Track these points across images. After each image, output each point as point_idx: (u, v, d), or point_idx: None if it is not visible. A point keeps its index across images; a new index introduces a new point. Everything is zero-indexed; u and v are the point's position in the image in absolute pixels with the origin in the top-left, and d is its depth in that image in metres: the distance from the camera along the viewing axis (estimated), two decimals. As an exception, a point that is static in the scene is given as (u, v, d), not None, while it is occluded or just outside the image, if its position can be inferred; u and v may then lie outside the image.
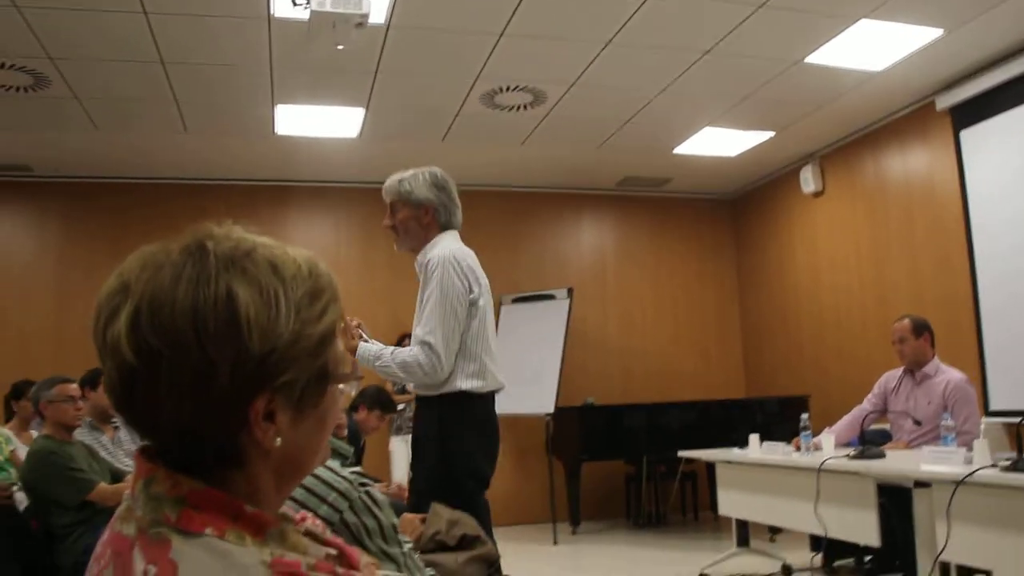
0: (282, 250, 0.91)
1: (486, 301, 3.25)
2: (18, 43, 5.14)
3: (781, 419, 7.49)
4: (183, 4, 4.78)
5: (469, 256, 3.25)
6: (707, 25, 5.24)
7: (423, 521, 2.46)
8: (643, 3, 4.90)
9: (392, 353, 3.16)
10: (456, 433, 3.15)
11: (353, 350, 3.13)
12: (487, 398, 3.25)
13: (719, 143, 7.56)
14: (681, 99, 6.43)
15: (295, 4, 3.71)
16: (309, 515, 1.09)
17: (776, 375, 8.64)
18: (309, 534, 0.94)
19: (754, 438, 5.37)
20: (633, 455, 7.85)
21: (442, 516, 2.51)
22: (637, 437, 7.59)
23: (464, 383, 3.15)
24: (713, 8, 5.00)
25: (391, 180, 3.33)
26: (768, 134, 7.33)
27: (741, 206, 9.37)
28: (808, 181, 7.98)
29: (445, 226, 3.30)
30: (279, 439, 0.86)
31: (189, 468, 0.85)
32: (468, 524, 2.52)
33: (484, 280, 3.27)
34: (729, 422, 7.52)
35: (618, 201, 9.17)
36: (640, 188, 9.04)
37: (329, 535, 1.04)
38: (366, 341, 3.20)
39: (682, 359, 9.05)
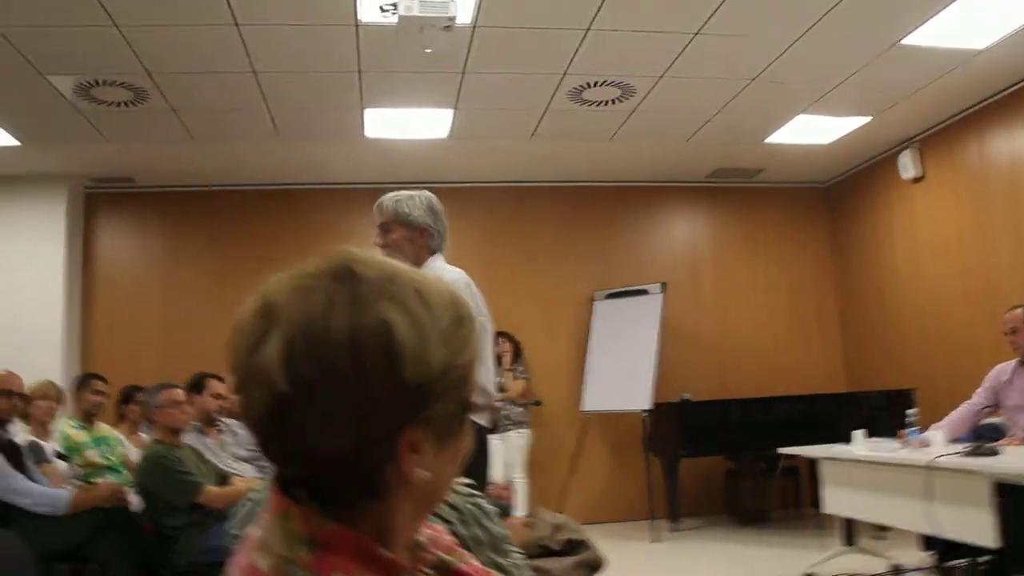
0: (421, 275, 0.88)
1: (489, 326, 3.28)
2: (118, 60, 5.33)
3: (886, 413, 7.25)
4: (272, 15, 4.88)
5: (470, 281, 3.22)
6: (798, 11, 5.09)
7: (528, 526, 2.45)
8: (731, -8, 4.80)
9: None
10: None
11: None
12: (480, 429, 3.23)
13: (812, 131, 7.36)
14: (772, 88, 6.28)
15: (383, 11, 3.73)
16: (442, 528, 1.06)
17: (878, 367, 8.38)
18: (442, 565, 0.92)
19: (859, 434, 5.20)
20: (733, 451, 7.72)
21: (546, 521, 2.50)
22: (737, 432, 7.45)
23: None
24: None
25: (388, 200, 3.34)
26: (864, 119, 7.10)
27: (836, 194, 9.11)
28: (907, 166, 7.71)
29: (436, 250, 3.35)
30: (424, 471, 0.84)
31: (326, 500, 0.83)
32: (572, 528, 2.50)
33: (483, 304, 3.24)
34: (831, 416, 7.31)
35: (710, 193, 9.02)
36: (732, 179, 8.88)
37: (463, 562, 1.02)
38: None
39: (780, 352, 8.85)
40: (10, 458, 4.27)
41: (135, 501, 4.58)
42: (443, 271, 3.21)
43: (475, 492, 1.71)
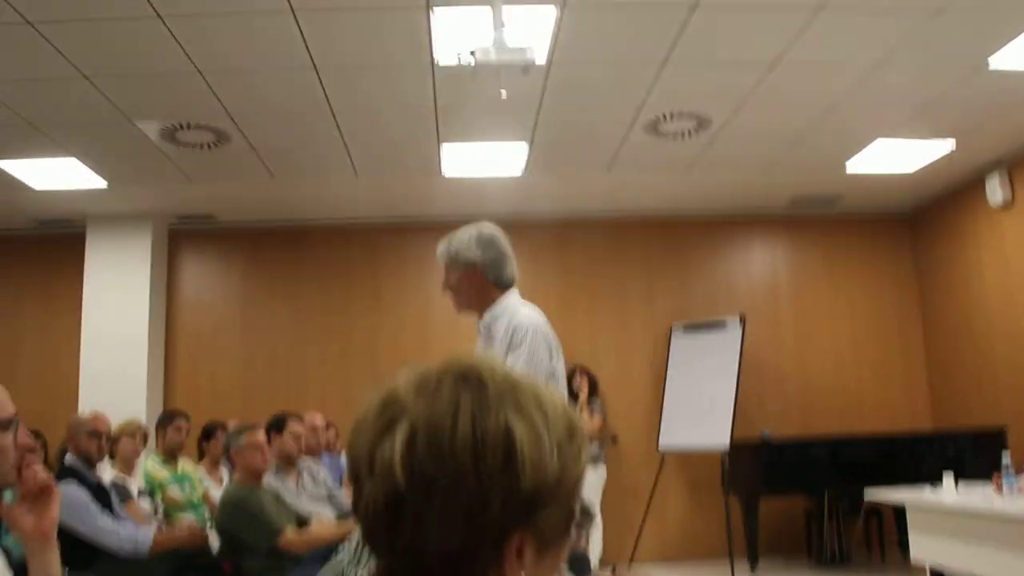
0: (540, 384, 0.90)
1: (560, 370, 3.14)
2: (202, 105, 5.49)
3: (975, 454, 6.99)
4: (351, 57, 4.97)
5: (546, 322, 3.13)
6: (877, 35, 4.97)
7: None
8: (810, 21, 4.70)
9: None
10: None
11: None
12: None
13: (894, 157, 7.14)
14: (852, 113, 6.13)
15: (460, 59, 3.73)
16: None
17: (967, 404, 8.05)
18: None
19: (948, 478, 5.00)
20: (814, 491, 7.49)
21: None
22: (818, 472, 7.24)
23: None
24: (883, 18, 4.74)
25: (441, 243, 3.24)
26: (948, 143, 6.87)
27: (920, 222, 8.84)
28: (995, 191, 7.43)
29: (498, 282, 3.17)
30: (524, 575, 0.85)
31: None
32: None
33: (558, 346, 3.15)
34: (918, 457, 7.06)
35: (788, 223, 8.84)
36: (811, 208, 8.69)
37: None
38: None
39: (863, 388, 8.58)
40: (98, 498, 4.35)
41: (213, 540, 4.63)
42: (515, 312, 3.10)
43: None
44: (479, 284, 3.15)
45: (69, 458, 4.47)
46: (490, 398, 0.84)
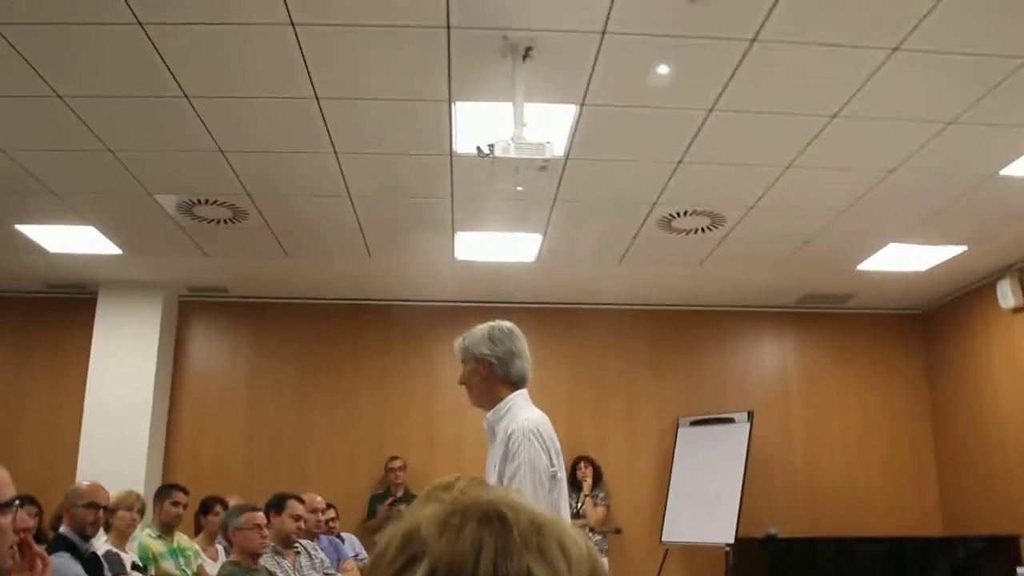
0: (564, 527, 0.87)
1: (562, 473, 3.09)
2: (221, 182, 5.57)
3: (987, 558, 6.86)
4: (371, 144, 5.05)
5: (547, 424, 3.09)
6: (893, 144, 5.03)
7: None
8: (825, 127, 4.77)
9: None
10: None
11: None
12: None
13: (906, 258, 7.19)
14: (865, 217, 6.18)
15: (480, 154, 3.78)
16: None
17: (979, 508, 7.90)
18: None
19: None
20: (821, 591, 7.35)
21: None
22: (825, 572, 7.11)
23: None
24: (899, 127, 4.80)
25: (458, 338, 3.29)
26: (959, 248, 6.91)
27: (932, 322, 8.81)
28: (1006, 295, 7.42)
29: (506, 379, 3.15)
30: None
31: None
32: None
33: (560, 449, 3.11)
34: (928, 561, 6.94)
35: (799, 318, 8.83)
36: (822, 305, 8.70)
37: None
38: None
39: (872, 487, 8.46)
40: (90, 571, 4.29)
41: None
42: (515, 416, 3.06)
43: None
44: (487, 379, 3.15)
45: (64, 529, 4.42)
46: (514, 542, 0.81)
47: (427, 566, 0.80)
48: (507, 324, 3.26)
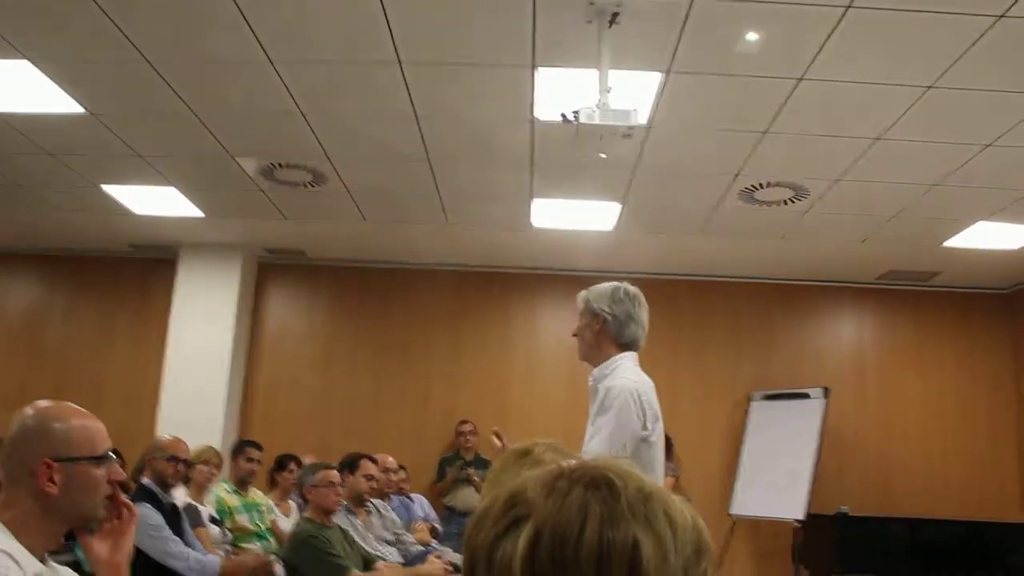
0: (671, 497, 0.86)
1: (657, 436, 3.07)
2: (302, 146, 5.61)
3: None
4: (452, 108, 5.02)
5: (649, 388, 3.10)
6: (989, 118, 4.84)
7: None
8: (919, 98, 4.61)
9: None
10: None
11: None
12: None
13: (996, 236, 6.94)
14: (954, 193, 5.98)
15: (565, 120, 3.74)
16: None
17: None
18: None
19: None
20: (891, 572, 7.21)
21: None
22: (897, 553, 6.98)
23: None
24: (997, 100, 4.61)
25: (583, 291, 3.29)
26: (1053, 227, 6.66)
27: (1020, 302, 8.52)
28: (1099, 278, 7.15)
29: (616, 339, 3.17)
30: None
31: None
32: None
33: (659, 413, 3.10)
34: (1006, 548, 6.76)
35: (880, 295, 8.62)
36: (905, 282, 8.47)
37: None
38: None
39: (949, 472, 8.25)
40: (170, 522, 4.41)
41: (280, 572, 4.65)
42: (618, 376, 3.09)
43: None
44: (598, 334, 3.19)
45: (146, 480, 4.55)
46: (621, 509, 0.81)
47: (532, 529, 0.80)
48: (633, 288, 3.26)
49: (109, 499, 1.83)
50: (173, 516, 4.54)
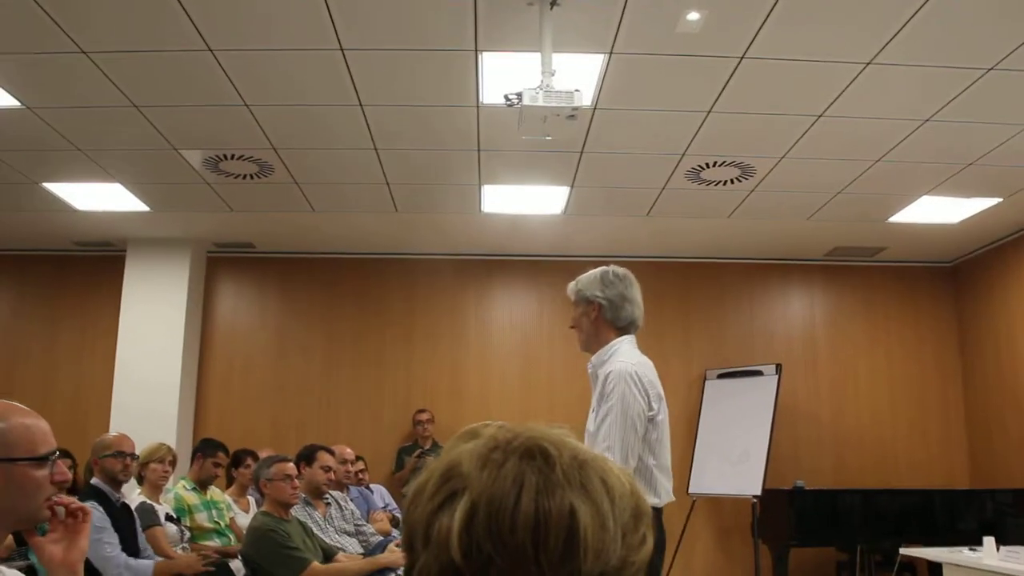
0: (607, 464, 0.86)
1: (663, 416, 3.11)
2: (247, 137, 5.55)
3: (1015, 514, 6.83)
4: (397, 96, 4.99)
5: (649, 369, 3.13)
6: (929, 92, 4.93)
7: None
8: (858, 75, 4.67)
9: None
10: None
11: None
12: (659, 513, 3.09)
13: (939, 210, 7.08)
14: (898, 169, 6.08)
15: (508, 101, 3.74)
16: None
17: (1007, 464, 7.83)
18: None
19: (989, 542, 4.89)
20: (846, 543, 7.34)
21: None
22: (852, 524, 7.10)
23: None
24: (936, 74, 4.69)
25: (572, 282, 3.32)
26: (994, 200, 6.79)
27: (963, 275, 8.70)
28: (1042, 249, 7.32)
29: (614, 323, 3.19)
30: None
31: None
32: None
33: (662, 393, 3.14)
34: (955, 514, 6.92)
35: (828, 271, 8.75)
36: (851, 257, 8.61)
37: None
38: None
39: (899, 443, 8.43)
40: (120, 522, 4.34)
41: (237, 567, 4.61)
42: (616, 360, 3.10)
43: None
44: (596, 321, 3.21)
45: (95, 480, 4.48)
46: (556, 478, 0.80)
47: (468, 501, 0.80)
48: (622, 270, 3.28)
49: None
50: (123, 515, 4.49)
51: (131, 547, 4.42)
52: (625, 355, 3.13)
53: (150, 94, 4.97)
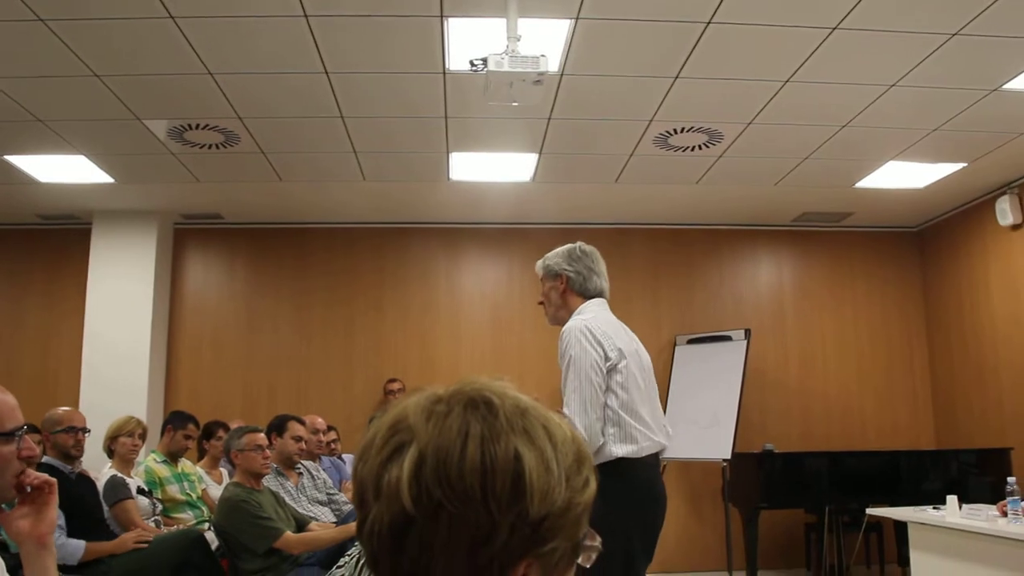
0: (548, 412, 0.90)
1: (631, 364, 3.14)
2: (211, 105, 5.48)
3: (978, 473, 6.96)
4: (362, 63, 4.94)
5: (606, 323, 3.18)
6: (894, 58, 4.95)
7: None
8: (823, 40, 4.69)
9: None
10: (611, 507, 3.03)
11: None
12: (647, 463, 3.11)
13: (905, 176, 7.15)
14: (864, 134, 6.12)
15: (473, 66, 3.72)
16: None
17: (971, 425, 7.99)
18: None
19: (952, 500, 4.97)
20: (815, 504, 7.46)
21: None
22: (819, 486, 7.21)
23: (616, 449, 3.03)
24: (901, 40, 4.72)
25: (540, 260, 3.42)
26: (959, 165, 6.86)
27: (929, 239, 8.80)
28: (1005, 213, 7.38)
29: (583, 294, 3.30)
30: None
31: None
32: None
33: (626, 344, 3.18)
34: (920, 474, 7.04)
35: (796, 236, 8.81)
36: (819, 223, 8.67)
37: None
38: None
39: (866, 404, 8.55)
40: (75, 494, 4.31)
41: (211, 538, 4.62)
42: (577, 317, 3.18)
43: None
44: (564, 294, 3.31)
45: (47, 457, 4.46)
46: (499, 425, 0.84)
47: (416, 451, 0.82)
48: (588, 246, 3.39)
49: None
50: (80, 485, 4.48)
51: (92, 516, 4.43)
52: (584, 313, 3.21)
53: (111, 63, 4.89)
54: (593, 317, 3.18)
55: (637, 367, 3.16)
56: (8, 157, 6.40)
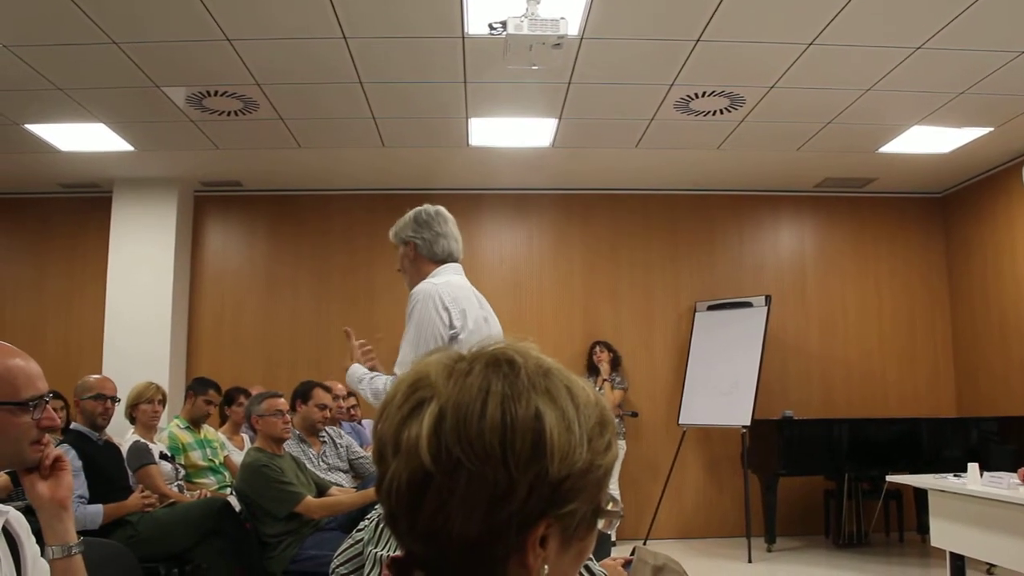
0: (572, 375, 0.89)
1: (475, 334, 3.11)
2: (229, 72, 5.47)
3: (1000, 441, 6.93)
4: (381, 28, 4.91)
5: (458, 289, 3.16)
6: (919, 20, 4.87)
7: (626, 565, 2.36)
8: (848, 2, 4.61)
9: (370, 379, 3.22)
10: None
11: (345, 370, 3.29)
12: None
13: (930, 140, 7.05)
14: (888, 98, 6.03)
15: (492, 29, 3.69)
16: None
17: (993, 392, 7.93)
18: None
19: (973, 468, 4.94)
20: (834, 471, 7.46)
21: (647, 562, 2.41)
22: (839, 453, 7.21)
23: None
24: (924, 2, 4.63)
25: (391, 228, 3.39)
26: (984, 130, 6.76)
27: (952, 205, 8.69)
28: (1031, 178, 7.30)
29: (432, 257, 3.27)
30: (547, 567, 0.84)
31: None
32: (674, 570, 2.41)
33: (476, 312, 3.17)
34: (941, 442, 7.02)
35: (818, 202, 8.73)
36: (841, 188, 8.58)
37: None
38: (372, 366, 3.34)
39: (887, 374, 8.50)
40: (100, 461, 4.36)
41: (234, 503, 4.66)
42: (428, 281, 3.17)
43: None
44: (415, 260, 3.29)
45: (75, 424, 4.51)
46: (521, 384, 0.83)
47: (436, 407, 0.82)
48: (434, 207, 3.35)
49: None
50: (108, 452, 4.52)
51: (118, 483, 4.47)
52: (438, 278, 3.20)
53: (129, 30, 4.88)
54: (445, 282, 3.16)
55: (480, 336, 3.15)
56: (29, 126, 6.41)
